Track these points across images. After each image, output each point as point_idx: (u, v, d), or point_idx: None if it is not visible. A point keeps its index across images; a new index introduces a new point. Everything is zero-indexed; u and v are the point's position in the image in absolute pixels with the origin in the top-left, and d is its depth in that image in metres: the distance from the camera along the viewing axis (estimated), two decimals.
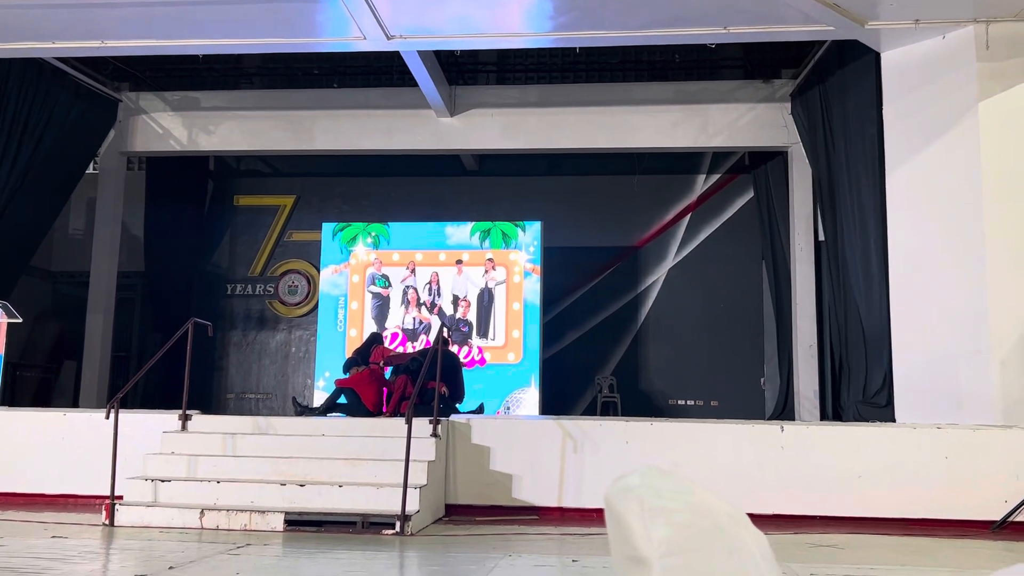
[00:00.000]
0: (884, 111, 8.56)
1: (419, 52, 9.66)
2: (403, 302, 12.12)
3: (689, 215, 13.15)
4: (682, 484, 1.11)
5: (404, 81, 11.35)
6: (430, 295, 12.09)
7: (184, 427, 7.60)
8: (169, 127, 12.21)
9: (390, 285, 12.19)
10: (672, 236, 13.14)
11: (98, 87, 11.72)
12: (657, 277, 13.08)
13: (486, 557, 5.30)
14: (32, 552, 5.27)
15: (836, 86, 9.84)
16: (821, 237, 11.15)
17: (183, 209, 13.49)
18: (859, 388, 9.24)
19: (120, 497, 6.67)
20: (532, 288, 11.88)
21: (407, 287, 12.13)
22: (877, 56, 8.59)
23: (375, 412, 9.04)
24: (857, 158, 9.20)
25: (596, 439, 7.44)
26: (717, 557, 1.06)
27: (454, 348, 10.72)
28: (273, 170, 14.13)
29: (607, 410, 11.77)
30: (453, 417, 7.79)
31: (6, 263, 10.74)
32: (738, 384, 12.55)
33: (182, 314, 10.82)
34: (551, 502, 7.39)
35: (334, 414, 9.10)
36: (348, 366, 9.74)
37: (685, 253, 13.09)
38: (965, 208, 7.77)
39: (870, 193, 8.89)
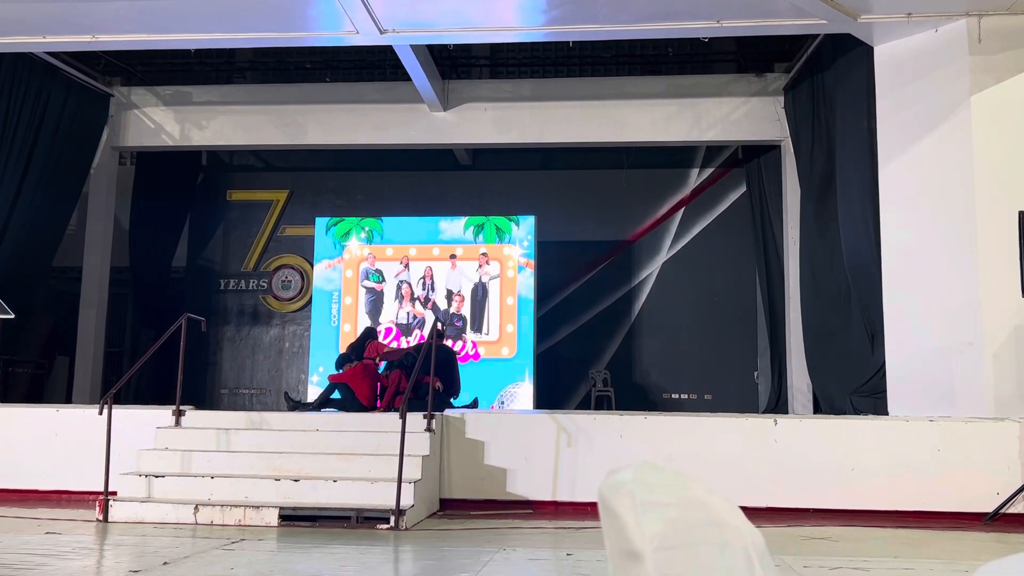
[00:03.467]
0: (877, 105, 8.57)
1: (412, 46, 9.63)
2: (397, 297, 12.11)
3: (683, 209, 13.16)
4: (675, 479, 1.11)
5: (397, 75, 11.33)
6: (424, 290, 12.08)
7: (178, 423, 7.59)
8: (161, 122, 12.17)
9: (384, 280, 12.17)
10: (666, 230, 13.16)
11: (90, 82, 11.67)
12: (651, 271, 13.09)
13: (481, 551, 5.31)
14: (26, 548, 5.26)
15: (829, 80, 9.84)
16: None
17: (174, 204, 13.45)
18: (851, 381, 9.26)
19: (114, 493, 6.66)
20: (526, 282, 11.87)
21: (401, 282, 12.12)
22: (870, 50, 8.59)
23: (369, 407, 9.03)
24: (850, 152, 9.21)
25: (590, 433, 7.45)
26: (710, 551, 1.07)
27: (448, 342, 10.71)
28: (266, 165, 14.09)
29: (601, 404, 11.78)
30: (447, 412, 7.79)
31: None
32: (732, 378, 12.58)
33: (175, 309, 10.80)
34: (545, 496, 7.40)
35: (328, 409, 9.09)
36: (342, 361, 9.73)
37: (679, 247, 13.10)
38: (958, 201, 7.79)
39: (862, 186, 8.90)
